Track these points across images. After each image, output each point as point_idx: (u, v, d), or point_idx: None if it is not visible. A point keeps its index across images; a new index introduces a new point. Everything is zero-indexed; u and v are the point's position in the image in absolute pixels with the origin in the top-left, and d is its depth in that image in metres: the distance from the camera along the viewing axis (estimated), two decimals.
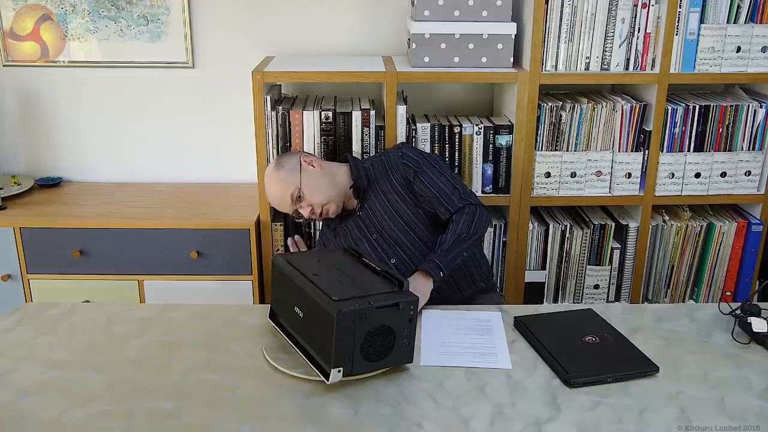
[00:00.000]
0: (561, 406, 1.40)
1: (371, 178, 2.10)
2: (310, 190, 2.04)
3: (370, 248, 2.07)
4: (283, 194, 2.05)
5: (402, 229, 2.04)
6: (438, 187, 2.01)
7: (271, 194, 2.10)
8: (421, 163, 2.06)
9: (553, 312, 1.78)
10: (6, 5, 2.68)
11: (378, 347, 1.45)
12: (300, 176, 2.05)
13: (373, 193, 2.09)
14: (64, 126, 2.85)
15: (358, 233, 2.09)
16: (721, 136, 2.43)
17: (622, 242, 2.53)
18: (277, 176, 2.07)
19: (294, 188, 2.03)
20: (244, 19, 2.71)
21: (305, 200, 2.04)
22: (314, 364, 1.50)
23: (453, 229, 1.94)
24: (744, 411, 1.38)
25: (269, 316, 1.71)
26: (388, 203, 2.06)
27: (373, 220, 2.07)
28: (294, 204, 2.06)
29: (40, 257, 2.48)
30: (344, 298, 1.44)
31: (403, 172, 2.06)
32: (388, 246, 2.06)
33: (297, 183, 2.04)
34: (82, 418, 1.35)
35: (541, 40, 2.31)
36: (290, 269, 1.62)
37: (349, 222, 2.12)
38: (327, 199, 2.05)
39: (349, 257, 1.70)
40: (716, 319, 1.74)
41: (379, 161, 2.13)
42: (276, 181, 2.07)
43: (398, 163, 2.07)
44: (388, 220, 2.05)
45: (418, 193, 2.04)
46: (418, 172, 2.04)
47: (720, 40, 2.33)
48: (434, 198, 2.01)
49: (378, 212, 2.06)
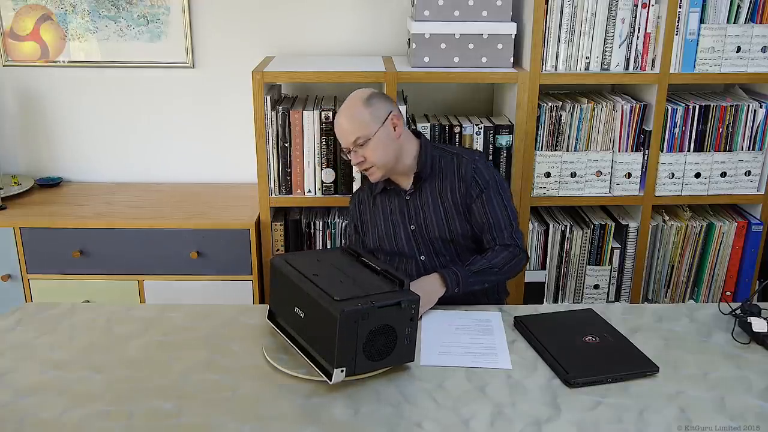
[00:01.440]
0: (561, 406, 1.40)
1: (435, 170, 2.00)
2: (377, 147, 1.91)
3: (404, 236, 2.01)
4: (352, 131, 1.91)
5: (443, 234, 1.98)
6: (495, 216, 1.94)
7: (341, 125, 1.94)
8: (490, 185, 1.95)
9: (553, 312, 1.78)
10: (6, 5, 2.68)
11: (380, 347, 1.45)
12: (379, 129, 1.91)
13: (430, 187, 2.00)
14: (64, 126, 2.85)
15: (398, 216, 2.02)
16: (721, 136, 2.43)
17: (622, 242, 2.53)
18: (359, 111, 1.91)
19: (364, 135, 1.90)
20: (244, 19, 2.71)
21: (366, 150, 1.91)
22: (316, 364, 1.50)
23: (490, 257, 1.90)
24: (744, 411, 1.38)
25: (268, 317, 1.71)
26: (441, 204, 1.98)
27: (419, 211, 2.00)
28: (353, 145, 1.92)
29: (40, 257, 2.48)
30: (346, 297, 1.44)
31: (469, 186, 1.95)
32: (422, 242, 2.00)
33: (371, 133, 1.90)
34: (82, 418, 1.35)
35: (541, 40, 2.31)
36: (289, 269, 1.62)
37: (394, 199, 2.03)
38: (384, 164, 1.94)
39: (348, 257, 1.70)
40: (716, 319, 1.74)
41: (450, 158, 2.01)
42: (354, 115, 1.91)
43: (468, 174, 1.96)
44: (434, 220, 1.98)
45: (474, 212, 1.96)
46: (483, 194, 1.94)
47: (720, 40, 2.33)
48: (486, 225, 1.95)
49: (427, 207, 1.99)
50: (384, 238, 2.05)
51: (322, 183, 2.45)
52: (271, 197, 2.45)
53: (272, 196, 2.45)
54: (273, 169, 2.42)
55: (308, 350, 1.54)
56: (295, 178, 2.44)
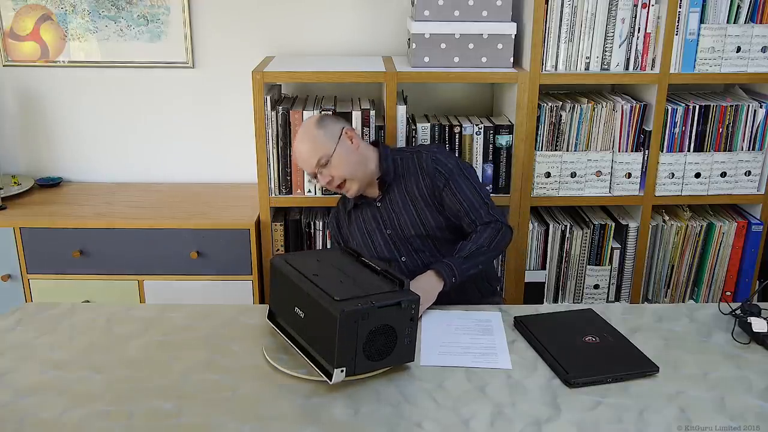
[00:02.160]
0: (561, 406, 1.40)
1: (398, 173, 2.04)
2: (340, 162, 1.96)
3: (382, 242, 2.05)
4: (312, 155, 1.96)
5: (419, 231, 2.01)
6: (468, 199, 1.96)
7: (300, 151, 1.99)
8: (454, 172, 1.98)
9: (553, 312, 1.78)
10: (6, 5, 2.68)
11: (380, 346, 1.45)
12: (336, 145, 1.96)
13: (397, 189, 2.03)
14: (64, 126, 2.85)
15: (373, 224, 2.06)
16: (721, 136, 2.43)
17: (622, 242, 2.53)
18: (314, 135, 1.97)
19: (324, 154, 1.95)
20: (244, 19, 2.71)
21: (330, 169, 1.96)
22: (316, 364, 1.50)
23: (475, 239, 1.91)
24: (744, 411, 1.38)
25: (268, 317, 1.71)
26: (411, 203, 2.01)
27: (391, 215, 2.04)
28: (316, 167, 1.97)
29: (40, 257, 2.48)
30: (346, 297, 1.44)
31: (433, 178, 1.98)
32: (401, 244, 2.03)
33: (330, 151, 1.95)
34: (82, 418, 1.35)
35: (541, 40, 2.31)
36: (289, 269, 1.62)
37: (366, 210, 2.08)
38: (352, 177, 1.98)
39: (348, 257, 1.71)
40: (716, 319, 1.74)
41: (410, 157, 2.05)
42: (310, 139, 1.97)
43: (430, 167, 1.99)
44: (407, 220, 2.01)
45: (446, 202, 1.98)
46: (450, 181, 1.97)
47: (720, 40, 2.33)
48: (461, 210, 1.96)
49: (398, 209, 2.03)
50: (363, 247, 2.08)
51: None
52: (271, 197, 2.45)
53: (272, 196, 2.45)
54: (273, 169, 2.42)
55: (308, 350, 1.54)
56: (295, 178, 2.44)
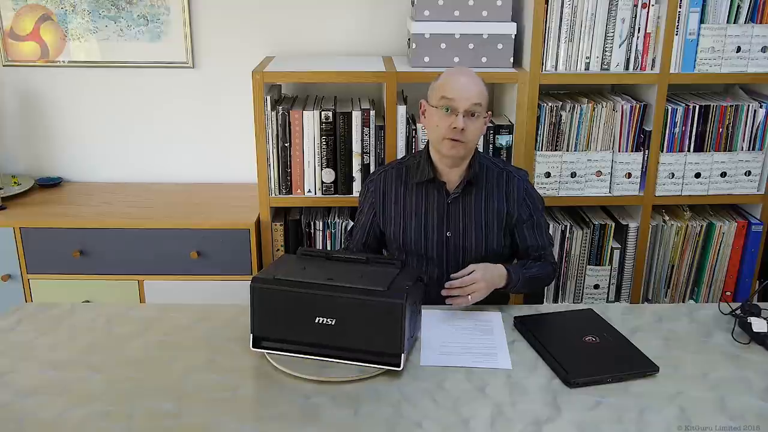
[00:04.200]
0: (561, 406, 1.40)
1: (482, 179, 1.94)
2: (478, 128, 1.86)
3: (437, 241, 1.93)
4: (477, 94, 1.84)
5: (480, 248, 1.93)
6: (543, 239, 1.97)
7: (467, 84, 1.84)
8: (539, 208, 1.98)
9: (553, 312, 1.78)
10: (6, 5, 2.68)
11: (412, 325, 1.53)
12: (487, 114, 1.91)
13: (476, 195, 1.94)
14: (64, 126, 2.85)
15: (436, 219, 1.92)
16: (721, 136, 2.43)
17: (622, 242, 2.53)
18: (484, 87, 1.87)
19: (484, 106, 1.86)
20: (244, 20, 2.71)
21: (472, 123, 1.83)
22: (362, 361, 1.50)
23: (541, 266, 1.93)
24: (744, 411, 1.38)
25: (253, 345, 1.57)
26: (484, 216, 1.93)
27: (458, 218, 1.93)
28: (470, 107, 1.82)
29: (40, 257, 2.48)
30: (388, 286, 1.49)
31: (519, 205, 1.94)
32: (453, 251, 1.94)
33: (485, 110, 1.88)
34: (82, 418, 1.35)
35: (541, 40, 2.31)
36: (286, 286, 1.53)
37: (432, 197, 1.93)
38: (472, 147, 1.89)
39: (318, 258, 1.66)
40: (716, 319, 1.74)
41: (500, 173, 1.96)
42: (481, 84, 1.87)
43: (520, 195, 1.94)
44: (473, 230, 1.92)
45: (520, 233, 1.96)
46: (533, 216, 1.96)
47: (720, 40, 2.33)
48: (533, 246, 1.96)
49: (469, 215, 1.93)
50: (411, 238, 1.94)
51: (322, 183, 2.45)
52: (271, 197, 2.45)
53: (272, 196, 2.45)
54: (273, 169, 2.42)
55: (344, 355, 1.51)
56: (295, 178, 2.44)
